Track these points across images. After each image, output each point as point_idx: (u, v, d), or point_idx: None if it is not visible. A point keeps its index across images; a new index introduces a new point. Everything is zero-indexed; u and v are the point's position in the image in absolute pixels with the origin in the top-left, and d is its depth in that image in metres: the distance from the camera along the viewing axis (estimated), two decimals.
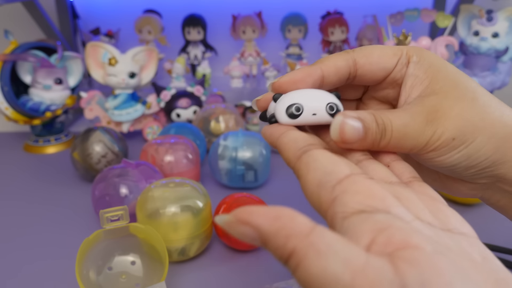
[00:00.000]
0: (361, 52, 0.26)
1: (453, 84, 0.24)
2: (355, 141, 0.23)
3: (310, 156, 0.21)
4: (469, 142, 0.24)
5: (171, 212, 0.42)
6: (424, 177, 0.29)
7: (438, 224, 0.19)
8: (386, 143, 0.24)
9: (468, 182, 0.27)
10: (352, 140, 0.23)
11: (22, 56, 0.71)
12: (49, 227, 0.52)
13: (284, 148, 0.23)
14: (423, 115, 0.24)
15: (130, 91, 0.76)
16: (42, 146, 0.76)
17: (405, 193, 0.20)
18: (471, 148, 0.24)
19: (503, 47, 0.72)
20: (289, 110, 0.24)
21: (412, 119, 0.24)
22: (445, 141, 0.24)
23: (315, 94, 0.24)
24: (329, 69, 0.25)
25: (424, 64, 0.25)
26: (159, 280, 0.38)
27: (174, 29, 0.94)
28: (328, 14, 0.91)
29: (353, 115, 0.23)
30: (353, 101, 0.30)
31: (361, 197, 0.18)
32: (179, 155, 0.56)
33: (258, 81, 0.94)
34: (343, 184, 0.19)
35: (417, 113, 0.24)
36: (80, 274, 0.36)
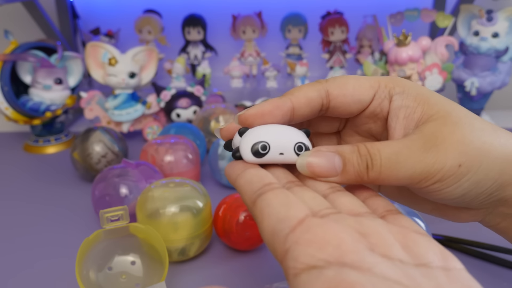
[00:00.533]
0: (334, 83, 0.25)
1: (447, 109, 0.24)
2: (331, 175, 0.22)
3: (264, 201, 0.20)
4: (477, 167, 0.22)
5: (171, 212, 0.42)
6: (421, 207, 0.28)
7: (411, 259, 0.18)
8: (376, 174, 0.22)
9: (470, 209, 0.26)
10: (326, 174, 0.22)
11: (22, 56, 0.71)
12: (49, 227, 0.52)
13: (241, 192, 0.22)
14: (420, 142, 0.23)
15: (130, 91, 0.76)
16: (42, 146, 0.76)
17: (374, 226, 0.19)
18: (479, 173, 0.23)
19: (503, 47, 0.72)
20: (254, 147, 0.23)
21: (406, 147, 0.23)
22: (450, 169, 0.22)
23: (283, 131, 0.24)
24: (300, 100, 0.24)
25: (411, 93, 0.24)
26: (159, 280, 0.38)
27: (174, 29, 0.94)
28: (328, 14, 0.91)
29: (326, 148, 0.23)
30: (332, 135, 0.29)
31: (313, 249, 0.17)
32: (179, 155, 0.56)
33: (258, 81, 0.94)
34: (296, 233, 0.18)
35: (412, 141, 0.23)
36: (80, 274, 0.36)
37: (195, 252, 0.44)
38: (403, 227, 0.20)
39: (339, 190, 0.23)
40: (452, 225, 0.49)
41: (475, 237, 0.46)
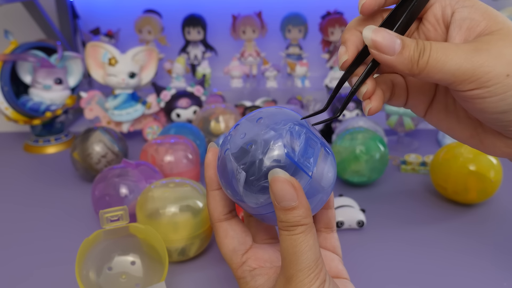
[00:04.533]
0: None
1: (510, 29, 0.24)
2: (390, 53, 0.24)
3: (230, 225, 0.30)
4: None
5: (171, 212, 0.42)
6: (460, 133, 0.29)
7: None
8: (424, 64, 0.23)
9: (505, 136, 0.26)
10: (385, 50, 0.24)
11: (22, 56, 0.71)
12: (49, 227, 0.52)
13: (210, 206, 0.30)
14: (472, 45, 0.23)
15: (130, 91, 0.76)
16: (42, 146, 0.76)
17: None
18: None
19: None
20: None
21: (456, 45, 0.23)
22: (497, 76, 0.22)
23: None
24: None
25: (480, 8, 0.25)
26: (159, 280, 0.38)
27: (174, 29, 0.94)
28: (328, 14, 0.91)
29: (391, 32, 0.24)
30: None
31: (256, 264, 0.30)
32: (179, 155, 0.56)
33: (258, 81, 0.94)
34: (248, 253, 0.30)
35: (465, 43, 0.24)
36: (80, 274, 0.36)
37: (195, 252, 0.44)
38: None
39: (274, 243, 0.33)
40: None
41: None
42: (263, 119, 0.27)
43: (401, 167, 0.65)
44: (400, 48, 0.24)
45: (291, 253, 0.26)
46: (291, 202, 0.25)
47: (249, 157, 0.26)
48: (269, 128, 0.26)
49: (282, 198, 0.25)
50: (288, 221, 0.25)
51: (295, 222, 0.25)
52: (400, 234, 0.49)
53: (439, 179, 0.54)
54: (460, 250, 0.45)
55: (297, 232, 0.25)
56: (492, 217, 0.52)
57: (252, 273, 0.29)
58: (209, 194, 0.30)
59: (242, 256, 0.30)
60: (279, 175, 0.25)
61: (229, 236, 0.30)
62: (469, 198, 0.52)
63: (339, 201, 0.51)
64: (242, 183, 0.26)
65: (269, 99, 0.83)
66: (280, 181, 0.25)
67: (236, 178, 0.27)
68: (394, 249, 0.46)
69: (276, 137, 0.26)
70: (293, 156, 0.26)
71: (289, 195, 0.25)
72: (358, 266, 0.43)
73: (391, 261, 0.44)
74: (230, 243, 0.30)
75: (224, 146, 0.28)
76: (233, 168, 0.27)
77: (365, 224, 0.49)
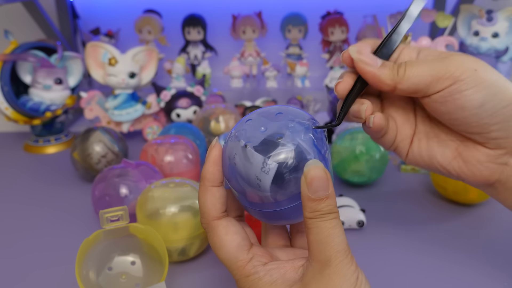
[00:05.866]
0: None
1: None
2: (373, 65, 0.29)
3: (230, 222, 0.29)
4: (493, 81, 0.27)
5: (171, 212, 0.42)
6: (442, 158, 0.33)
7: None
8: (403, 71, 0.29)
9: (486, 147, 0.30)
10: (369, 63, 0.29)
11: (22, 56, 0.71)
12: (49, 227, 0.52)
13: (208, 203, 0.29)
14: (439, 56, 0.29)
15: (130, 91, 0.76)
16: (42, 146, 0.76)
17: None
18: (496, 86, 0.27)
19: (503, 47, 0.72)
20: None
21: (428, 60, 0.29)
22: (467, 70, 0.27)
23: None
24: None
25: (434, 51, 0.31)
26: (159, 280, 0.38)
27: (174, 29, 0.94)
28: (328, 14, 0.91)
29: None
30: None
31: (266, 258, 0.28)
32: (179, 155, 0.56)
33: (258, 81, 0.94)
34: (253, 249, 0.29)
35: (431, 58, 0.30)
36: (80, 274, 0.36)
37: (195, 252, 0.44)
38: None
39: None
40: None
41: None
42: (283, 114, 0.27)
43: (401, 167, 0.65)
44: (381, 63, 0.29)
45: (326, 235, 0.25)
46: (325, 192, 0.25)
47: (280, 148, 0.26)
48: (295, 122, 0.27)
49: (317, 188, 0.25)
50: (321, 210, 0.25)
51: (328, 210, 0.26)
52: (400, 234, 0.49)
53: (439, 179, 0.54)
54: (460, 250, 0.45)
55: (331, 218, 0.26)
56: (492, 217, 0.52)
57: (267, 267, 0.27)
58: (208, 190, 0.29)
59: (249, 252, 0.28)
60: (315, 165, 0.25)
61: (231, 232, 0.28)
62: (469, 198, 0.52)
63: (339, 201, 0.51)
64: (272, 177, 0.26)
65: (269, 99, 0.83)
66: (317, 171, 0.25)
67: (263, 171, 0.26)
68: (394, 249, 0.46)
69: (305, 130, 0.26)
70: (320, 149, 0.27)
71: (323, 185, 0.25)
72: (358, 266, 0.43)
73: (391, 261, 0.44)
74: (233, 239, 0.28)
75: (235, 141, 0.27)
76: (257, 162, 0.26)
77: (365, 224, 0.49)
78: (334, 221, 0.26)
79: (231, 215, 0.32)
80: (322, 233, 0.26)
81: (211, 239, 0.29)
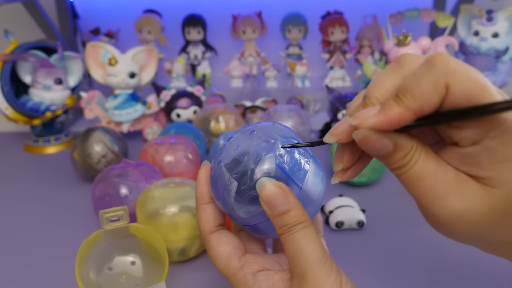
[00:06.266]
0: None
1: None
2: (379, 151, 0.22)
3: (222, 233, 0.30)
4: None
5: (171, 212, 0.42)
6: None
7: None
8: (402, 177, 0.22)
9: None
10: (375, 148, 0.22)
11: (22, 56, 0.71)
12: (49, 227, 0.52)
13: (201, 220, 0.31)
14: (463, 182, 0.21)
15: (130, 91, 0.76)
16: (42, 146, 0.76)
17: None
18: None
19: (503, 47, 0.72)
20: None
21: (437, 176, 0.21)
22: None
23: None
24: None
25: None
26: (159, 280, 0.38)
27: (174, 29, 0.94)
28: (328, 14, 0.91)
29: (385, 134, 0.22)
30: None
31: (257, 266, 0.29)
32: (179, 155, 0.56)
33: (258, 81, 0.94)
34: (245, 257, 0.29)
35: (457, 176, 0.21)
36: (80, 274, 0.36)
37: (195, 252, 0.44)
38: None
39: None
40: None
41: None
42: (256, 132, 0.28)
43: None
44: (392, 151, 0.21)
45: (297, 248, 0.25)
46: (284, 206, 0.25)
47: (241, 167, 0.27)
48: (261, 140, 0.27)
49: (274, 204, 0.25)
50: (287, 224, 0.25)
51: (294, 222, 0.25)
52: (400, 234, 0.49)
53: None
54: (460, 250, 0.45)
55: (299, 229, 0.26)
56: None
57: (256, 278, 0.28)
58: (200, 208, 0.31)
59: (240, 259, 0.29)
60: (266, 183, 0.25)
61: (223, 243, 0.30)
62: None
63: (339, 201, 0.51)
64: (234, 193, 0.27)
65: (269, 99, 0.83)
66: (269, 188, 0.25)
67: (228, 188, 0.27)
68: (394, 249, 0.46)
69: (268, 148, 0.27)
70: (284, 168, 0.26)
71: (280, 199, 0.25)
72: (358, 266, 0.43)
73: (391, 261, 0.44)
74: (224, 248, 0.30)
75: (217, 158, 0.29)
76: (225, 179, 0.27)
77: (365, 224, 0.49)
78: (302, 232, 0.25)
79: (237, 227, 0.34)
80: (293, 247, 0.26)
81: (208, 252, 0.31)
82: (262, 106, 0.81)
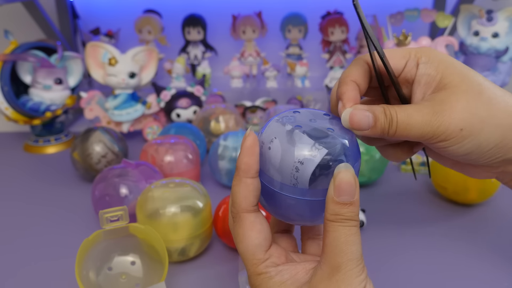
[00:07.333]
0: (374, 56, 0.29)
1: (461, 78, 0.28)
2: (366, 128, 0.28)
3: (258, 218, 0.28)
4: (477, 132, 0.27)
5: (171, 212, 0.42)
6: (444, 162, 0.33)
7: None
8: (393, 131, 0.28)
9: (484, 166, 0.30)
10: (362, 127, 0.28)
11: (22, 56, 0.71)
12: (49, 227, 0.52)
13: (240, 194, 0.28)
14: (430, 108, 0.27)
15: (130, 91, 0.76)
16: (42, 146, 0.76)
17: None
18: (479, 138, 0.27)
19: (503, 47, 0.72)
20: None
21: (417, 111, 0.28)
22: (453, 131, 0.27)
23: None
24: (360, 81, 0.30)
25: (434, 63, 0.29)
26: (159, 280, 0.38)
27: (174, 29, 0.94)
28: (328, 14, 0.91)
29: (363, 107, 0.28)
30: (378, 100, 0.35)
31: (281, 259, 0.29)
32: (179, 155, 0.56)
33: (258, 81, 0.93)
34: (271, 250, 0.29)
35: (424, 106, 0.28)
36: (80, 274, 0.36)
37: (195, 252, 0.44)
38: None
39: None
40: None
41: None
42: (330, 116, 0.29)
43: (401, 167, 0.65)
44: (373, 123, 0.28)
45: (342, 242, 0.25)
46: (350, 198, 0.26)
47: (330, 138, 0.26)
48: (341, 125, 0.28)
49: (344, 192, 0.25)
50: (343, 215, 0.26)
51: (350, 217, 0.26)
52: (400, 234, 0.49)
53: (439, 179, 0.54)
54: (460, 250, 0.45)
55: (351, 225, 0.26)
56: (492, 217, 0.52)
57: (278, 268, 0.28)
58: (243, 182, 0.28)
59: (266, 253, 0.28)
60: (345, 169, 0.26)
61: (256, 230, 0.28)
62: (469, 198, 0.52)
63: None
64: (318, 161, 0.26)
65: (269, 99, 0.83)
66: (346, 175, 0.25)
67: (311, 155, 0.26)
68: (394, 249, 0.46)
69: (350, 132, 0.28)
70: (356, 156, 0.28)
71: (350, 190, 0.25)
72: None
73: (391, 261, 0.44)
74: (256, 236, 0.28)
75: (278, 126, 0.27)
76: (303, 146, 0.26)
77: (365, 224, 0.49)
78: (353, 229, 0.26)
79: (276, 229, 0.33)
80: (339, 238, 0.26)
81: (235, 230, 0.29)
82: (262, 106, 0.81)
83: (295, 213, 0.29)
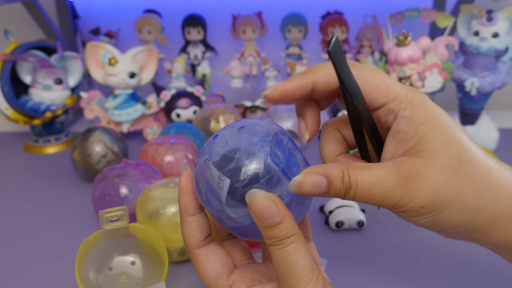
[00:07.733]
0: (358, 72, 0.26)
1: (439, 149, 0.25)
2: (318, 194, 0.25)
3: (209, 249, 0.29)
4: (438, 212, 0.25)
5: (171, 212, 0.42)
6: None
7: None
8: (351, 197, 0.26)
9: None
10: (314, 194, 0.25)
11: (22, 56, 0.71)
12: (49, 227, 0.52)
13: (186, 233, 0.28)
14: (395, 179, 0.25)
15: (130, 91, 0.76)
16: (42, 146, 0.76)
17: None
18: (439, 216, 0.25)
19: (503, 47, 0.72)
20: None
21: (381, 182, 0.25)
22: (413, 207, 0.25)
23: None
24: (321, 81, 0.27)
25: (415, 121, 0.25)
26: (159, 280, 0.38)
27: (174, 29, 0.94)
28: (328, 14, 0.91)
29: (317, 171, 0.25)
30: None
31: (246, 284, 0.28)
32: (179, 155, 0.56)
33: (258, 81, 0.94)
34: (234, 275, 0.28)
35: (389, 175, 0.25)
36: (80, 274, 0.36)
37: None
38: None
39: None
40: None
41: None
42: (245, 128, 0.27)
43: None
44: (325, 188, 0.25)
45: (285, 264, 0.25)
46: (275, 218, 0.24)
47: (233, 163, 0.25)
48: (253, 135, 0.26)
49: (265, 216, 0.24)
50: (276, 237, 0.25)
51: (283, 235, 0.25)
52: (400, 234, 0.49)
53: None
54: (460, 250, 0.45)
55: (287, 244, 0.25)
56: None
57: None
58: (185, 221, 0.28)
59: (228, 279, 0.28)
60: (256, 195, 0.24)
61: (211, 261, 0.28)
62: None
63: (339, 201, 0.51)
64: (226, 191, 0.25)
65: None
66: (259, 201, 0.24)
67: (219, 187, 0.25)
68: (394, 249, 0.46)
69: (261, 143, 0.26)
70: (278, 163, 0.25)
71: (271, 212, 0.24)
72: (358, 266, 0.43)
73: (391, 261, 0.44)
74: (212, 268, 0.28)
75: (202, 157, 0.27)
76: (214, 178, 0.26)
77: (365, 224, 0.49)
78: (292, 247, 0.25)
79: (222, 234, 0.32)
80: (281, 262, 0.25)
81: (195, 269, 0.29)
82: (262, 106, 0.81)
83: (240, 234, 0.28)
